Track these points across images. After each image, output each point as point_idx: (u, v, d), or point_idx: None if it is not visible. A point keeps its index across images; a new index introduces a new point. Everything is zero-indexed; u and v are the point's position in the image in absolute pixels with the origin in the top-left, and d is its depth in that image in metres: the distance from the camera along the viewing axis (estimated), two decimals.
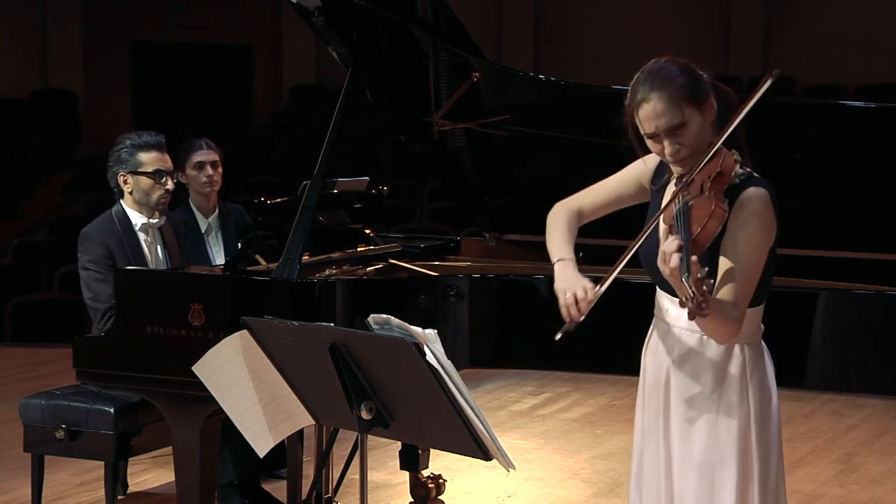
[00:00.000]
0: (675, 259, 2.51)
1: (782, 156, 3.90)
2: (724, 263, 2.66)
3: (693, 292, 2.45)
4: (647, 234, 2.77)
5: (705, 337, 2.76)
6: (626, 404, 6.85)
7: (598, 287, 2.73)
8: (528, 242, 4.68)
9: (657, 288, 2.88)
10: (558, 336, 2.70)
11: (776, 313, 2.94)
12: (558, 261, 2.90)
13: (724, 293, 2.64)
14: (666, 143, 2.71)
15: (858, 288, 3.87)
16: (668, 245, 2.54)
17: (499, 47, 14.99)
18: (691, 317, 2.51)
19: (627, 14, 14.94)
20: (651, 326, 2.96)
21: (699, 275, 2.45)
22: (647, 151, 2.84)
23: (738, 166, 2.73)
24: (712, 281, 2.51)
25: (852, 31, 13.77)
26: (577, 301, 2.71)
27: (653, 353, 2.91)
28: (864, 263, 4.03)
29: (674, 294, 2.74)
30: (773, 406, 2.82)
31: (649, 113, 2.69)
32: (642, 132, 2.76)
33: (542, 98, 4.45)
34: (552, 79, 4.38)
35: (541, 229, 3.07)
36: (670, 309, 2.83)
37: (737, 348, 2.77)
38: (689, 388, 2.80)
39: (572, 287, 2.75)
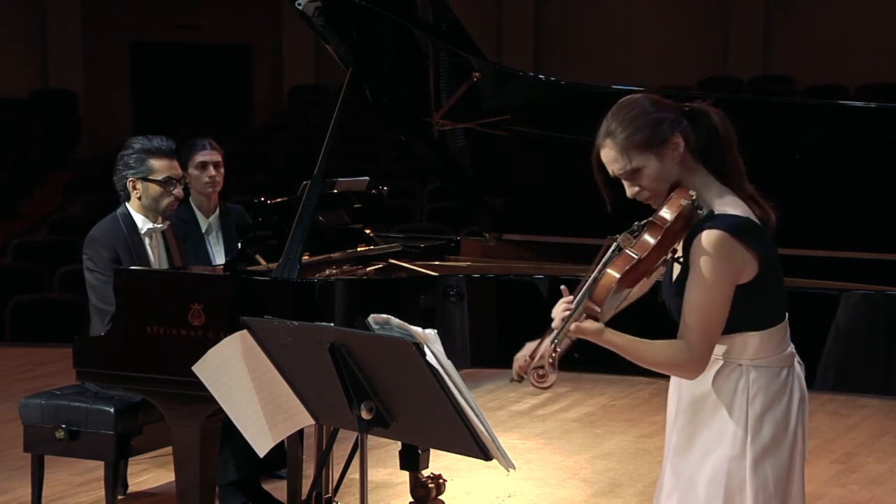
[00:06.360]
0: (559, 309, 2.70)
1: (782, 156, 3.90)
2: (683, 304, 2.70)
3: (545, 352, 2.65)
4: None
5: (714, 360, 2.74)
6: (626, 404, 6.85)
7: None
8: (528, 242, 4.68)
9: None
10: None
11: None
12: None
13: (681, 332, 2.68)
14: (626, 186, 2.78)
15: (857, 288, 3.87)
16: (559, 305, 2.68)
17: (499, 47, 14.99)
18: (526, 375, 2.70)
19: (627, 14, 14.94)
20: None
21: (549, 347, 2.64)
22: (609, 189, 2.83)
23: (697, 209, 2.68)
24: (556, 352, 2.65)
25: (852, 31, 13.76)
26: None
27: (675, 383, 2.89)
28: (864, 264, 4.03)
29: None
30: (788, 433, 2.74)
31: (606, 158, 2.77)
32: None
33: (542, 98, 4.45)
34: (552, 79, 4.38)
35: (541, 229, 3.07)
36: None
37: (739, 370, 2.73)
38: (695, 411, 2.78)
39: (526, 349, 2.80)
